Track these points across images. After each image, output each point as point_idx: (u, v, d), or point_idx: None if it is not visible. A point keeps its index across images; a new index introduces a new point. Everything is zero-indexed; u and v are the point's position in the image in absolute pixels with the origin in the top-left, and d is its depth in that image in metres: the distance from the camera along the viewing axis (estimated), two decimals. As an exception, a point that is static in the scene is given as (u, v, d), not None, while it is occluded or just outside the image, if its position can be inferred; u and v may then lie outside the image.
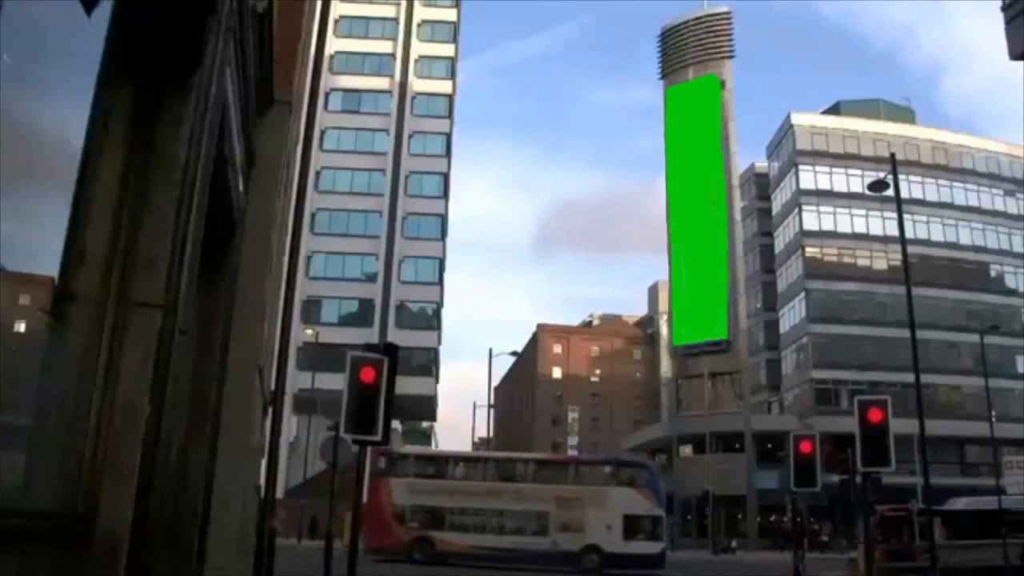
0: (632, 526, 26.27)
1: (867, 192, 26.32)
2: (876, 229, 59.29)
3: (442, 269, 57.19)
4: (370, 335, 48.27)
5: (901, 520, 25.80)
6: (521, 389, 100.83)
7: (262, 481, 9.48)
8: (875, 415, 12.31)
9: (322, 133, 53.57)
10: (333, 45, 54.16)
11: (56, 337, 2.74)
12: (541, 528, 26.58)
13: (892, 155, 20.97)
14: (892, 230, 42.68)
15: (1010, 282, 63.01)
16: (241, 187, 6.05)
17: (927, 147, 64.28)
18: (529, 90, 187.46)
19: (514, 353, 59.99)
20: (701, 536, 52.13)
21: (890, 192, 19.58)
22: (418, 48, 61.52)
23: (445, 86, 61.03)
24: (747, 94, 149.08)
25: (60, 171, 2.70)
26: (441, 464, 29.62)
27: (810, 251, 61.62)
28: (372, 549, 25.67)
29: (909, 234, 24.68)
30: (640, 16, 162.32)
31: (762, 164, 71.25)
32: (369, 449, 12.31)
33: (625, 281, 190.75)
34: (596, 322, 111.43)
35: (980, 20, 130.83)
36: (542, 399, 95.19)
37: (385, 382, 9.40)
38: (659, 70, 65.99)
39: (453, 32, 62.64)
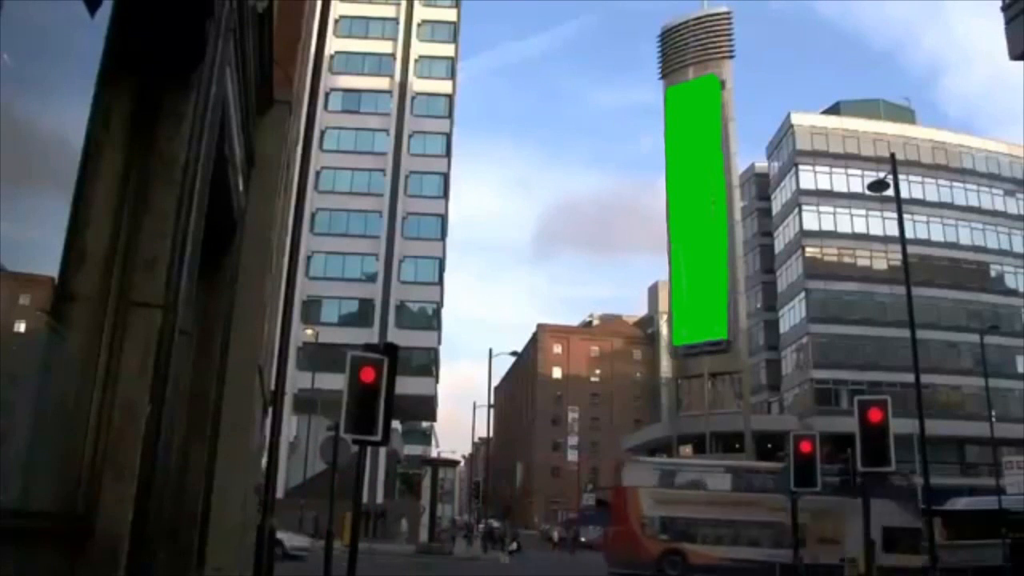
0: (891, 538, 24.14)
1: (867, 192, 26.30)
2: (876, 229, 59.26)
3: (442, 269, 57.18)
4: (370, 335, 48.24)
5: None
6: (521, 389, 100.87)
7: (262, 481, 9.48)
8: (875, 415, 12.30)
9: (322, 133, 53.55)
10: (333, 45, 54.15)
11: (56, 337, 2.74)
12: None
13: (892, 155, 20.97)
14: (892, 230, 42.68)
15: (1010, 282, 62.97)
16: (241, 187, 6.05)
17: (927, 147, 64.24)
18: (529, 90, 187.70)
19: (514, 353, 59.98)
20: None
21: (890, 192, 19.58)
22: (418, 48, 61.50)
23: (445, 86, 61.01)
24: (747, 94, 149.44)
25: (60, 171, 2.70)
26: (688, 472, 28.54)
27: (810, 251, 61.60)
28: (618, 564, 24.61)
29: (909, 234, 24.66)
30: (640, 16, 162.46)
31: (762, 164, 71.22)
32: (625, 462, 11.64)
33: (625, 281, 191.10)
34: (596, 322, 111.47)
35: (980, 20, 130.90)
36: (542, 399, 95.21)
37: (385, 382, 9.39)
38: (659, 70, 65.99)
39: (453, 32, 62.62)
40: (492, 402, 52.41)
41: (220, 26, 3.41)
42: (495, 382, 65.97)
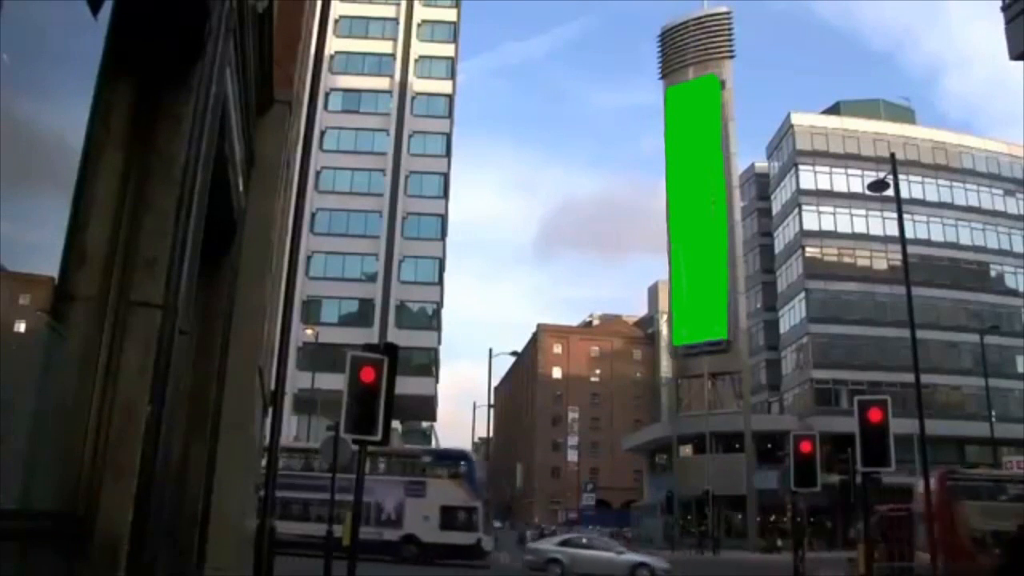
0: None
1: (867, 192, 26.32)
2: (876, 229, 59.27)
3: (442, 269, 57.18)
4: (370, 335, 48.24)
5: (901, 520, 25.77)
6: (521, 389, 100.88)
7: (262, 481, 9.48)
8: (875, 415, 12.31)
9: (322, 133, 53.56)
10: (333, 45, 54.15)
11: (56, 337, 2.74)
12: None
13: (892, 155, 20.98)
14: (892, 230, 42.68)
15: (1010, 282, 62.98)
16: (241, 187, 6.05)
17: (927, 147, 64.26)
18: (530, 91, 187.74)
19: (514, 353, 60.01)
20: (702, 536, 52.12)
21: (890, 192, 19.59)
22: (418, 48, 61.50)
23: (445, 86, 61.00)
24: (747, 94, 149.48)
25: (60, 171, 2.70)
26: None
27: (810, 251, 61.61)
28: None
29: (909, 234, 24.66)
30: (640, 17, 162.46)
31: (762, 164, 71.24)
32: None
33: (625, 281, 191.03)
34: (596, 322, 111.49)
35: (979, 20, 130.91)
36: (542, 399, 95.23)
37: (385, 382, 9.39)
38: (659, 70, 66.03)
39: (453, 32, 62.63)
40: (492, 402, 52.44)
41: (220, 26, 3.41)
42: (495, 382, 66.06)
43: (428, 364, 54.20)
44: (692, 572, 30.55)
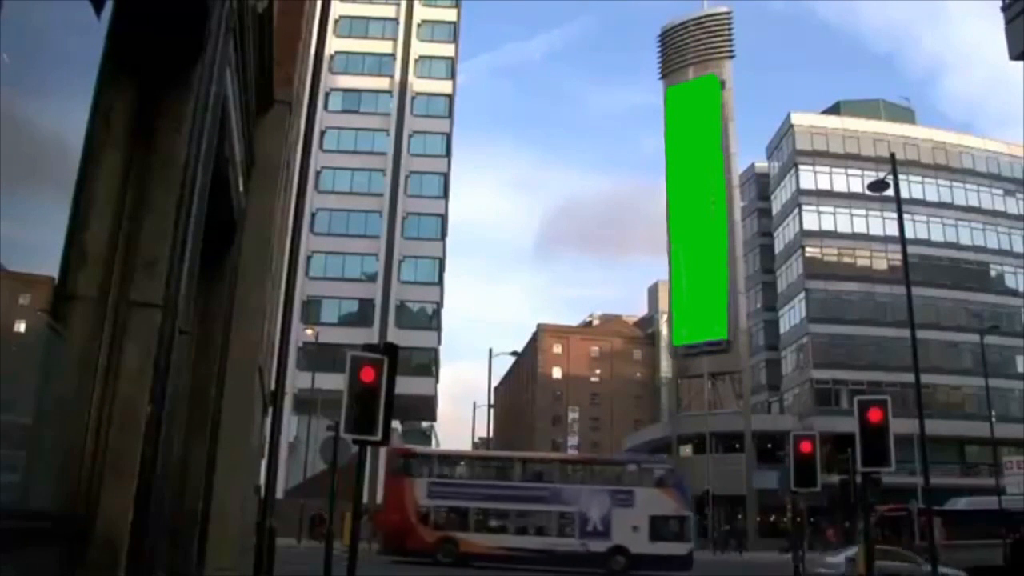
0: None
1: (867, 192, 26.32)
2: (876, 229, 59.23)
3: (442, 269, 57.17)
4: (370, 335, 48.23)
5: (901, 520, 25.78)
6: (521, 389, 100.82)
7: (262, 481, 9.49)
8: (875, 415, 12.29)
9: (322, 133, 53.54)
10: (333, 45, 54.13)
11: (56, 337, 2.74)
12: None
13: (892, 155, 20.98)
14: (892, 230, 42.65)
15: (1010, 282, 62.94)
16: (241, 187, 6.05)
17: (927, 147, 64.23)
18: (530, 91, 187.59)
19: (514, 353, 59.98)
20: (701, 536, 52.08)
21: (890, 192, 19.59)
22: (418, 48, 61.49)
23: (445, 86, 61.00)
24: (747, 94, 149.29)
25: (60, 171, 2.70)
26: None
27: (810, 251, 61.59)
28: None
29: (909, 234, 24.67)
30: (641, 17, 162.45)
31: (762, 164, 71.20)
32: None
33: (625, 281, 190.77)
34: (596, 322, 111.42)
35: (979, 20, 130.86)
36: (542, 399, 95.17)
37: (385, 382, 9.39)
38: (659, 70, 66.00)
39: (453, 32, 62.63)
40: (492, 402, 52.42)
41: (220, 26, 3.41)
42: (495, 382, 66.03)
43: (428, 364, 54.19)
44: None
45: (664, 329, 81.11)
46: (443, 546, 26.06)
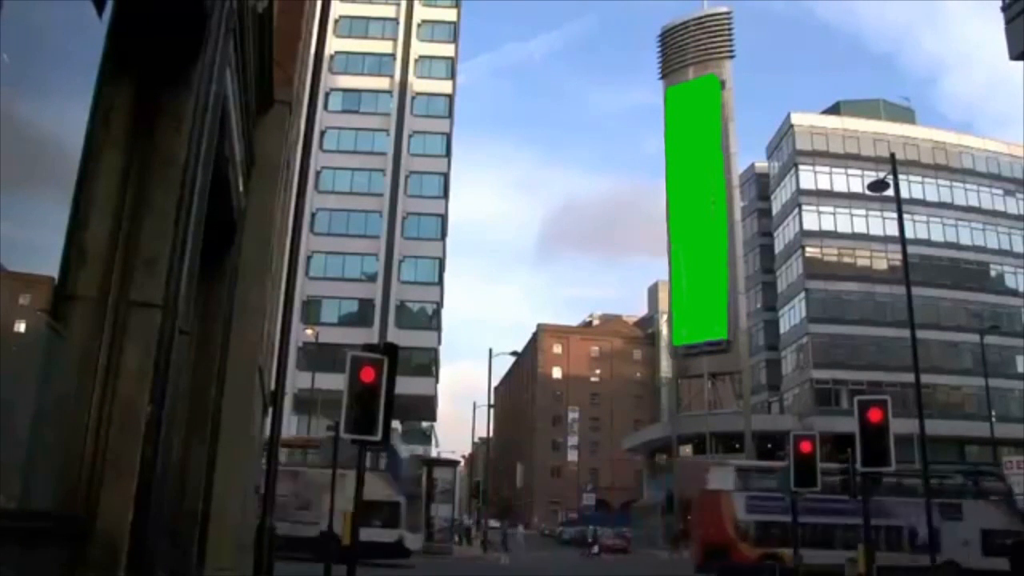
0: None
1: (867, 192, 26.30)
2: (876, 229, 59.22)
3: (442, 269, 57.17)
4: (370, 335, 48.23)
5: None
6: (521, 389, 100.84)
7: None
8: (875, 415, 12.30)
9: (322, 133, 53.54)
10: (333, 45, 54.13)
11: (56, 337, 2.74)
12: None
13: (892, 155, 20.99)
14: (892, 230, 42.65)
15: (1010, 282, 62.93)
16: (241, 187, 6.05)
17: (927, 147, 64.22)
18: (530, 91, 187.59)
19: (514, 353, 59.98)
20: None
21: (890, 192, 19.59)
22: (418, 48, 61.49)
23: (445, 86, 61.00)
24: (747, 94, 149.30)
25: (60, 171, 2.70)
26: None
27: (810, 251, 61.58)
28: None
29: (909, 234, 24.66)
30: (641, 17, 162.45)
31: (762, 164, 71.20)
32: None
33: (625, 281, 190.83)
34: (596, 322, 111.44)
35: (979, 21, 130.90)
36: (542, 399, 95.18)
37: (385, 382, 9.38)
38: (659, 70, 66.02)
39: (453, 32, 62.63)
40: (492, 402, 52.41)
41: (220, 26, 3.41)
42: (495, 382, 66.02)
43: (428, 364, 54.19)
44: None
45: (664, 329, 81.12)
46: (765, 563, 24.34)
